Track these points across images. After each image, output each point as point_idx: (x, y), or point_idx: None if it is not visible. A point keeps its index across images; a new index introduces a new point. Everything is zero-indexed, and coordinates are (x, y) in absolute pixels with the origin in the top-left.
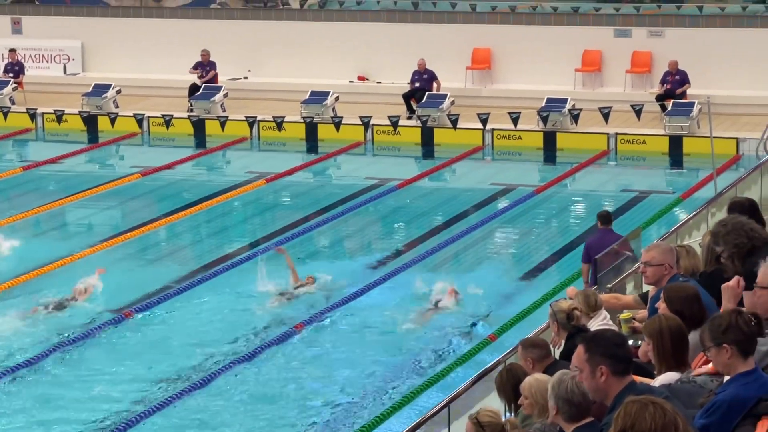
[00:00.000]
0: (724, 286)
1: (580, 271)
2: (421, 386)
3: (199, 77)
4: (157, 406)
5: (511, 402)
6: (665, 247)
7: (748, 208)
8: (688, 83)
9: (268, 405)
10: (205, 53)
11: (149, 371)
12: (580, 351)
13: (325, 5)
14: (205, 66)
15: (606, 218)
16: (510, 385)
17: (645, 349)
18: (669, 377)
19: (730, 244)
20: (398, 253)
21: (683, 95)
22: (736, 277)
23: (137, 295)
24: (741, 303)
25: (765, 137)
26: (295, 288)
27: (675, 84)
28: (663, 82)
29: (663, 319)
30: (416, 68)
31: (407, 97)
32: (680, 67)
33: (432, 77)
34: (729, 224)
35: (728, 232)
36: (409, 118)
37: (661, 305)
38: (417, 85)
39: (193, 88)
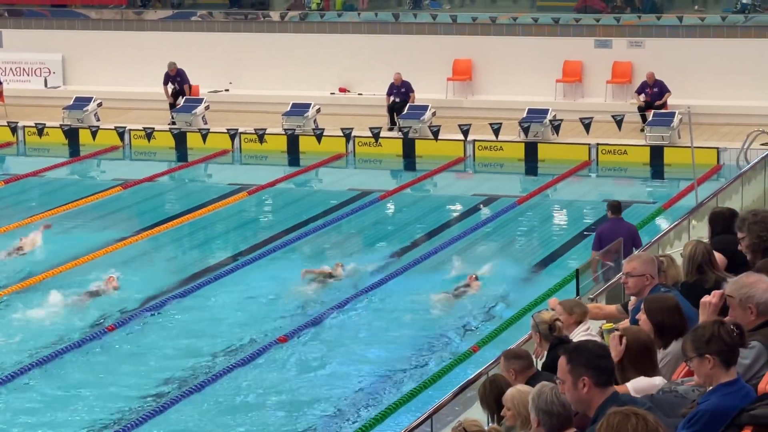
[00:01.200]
0: (702, 300)
1: (563, 281)
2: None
3: (174, 92)
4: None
5: (493, 413)
6: (646, 257)
7: (729, 218)
8: (668, 92)
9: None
10: (173, 66)
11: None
12: (562, 362)
13: (306, 17)
14: (175, 78)
15: (616, 208)
16: (492, 397)
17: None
18: (649, 383)
19: (754, 234)
20: (383, 265)
21: (664, 105)
22: (714, 292)
23: (117, 309)
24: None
25: (745, 147)
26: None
27: (654, 96)
28: (639, 92)
29: (641, 330)
30: (392, 82)
31: (391, 110)
32: (662, 77)
33: (409, 90)
34: (759, 215)
35: (756, 222)
36: (391, 129)
37: (642, 316)
38: (396, 100)
39: (173, 104)
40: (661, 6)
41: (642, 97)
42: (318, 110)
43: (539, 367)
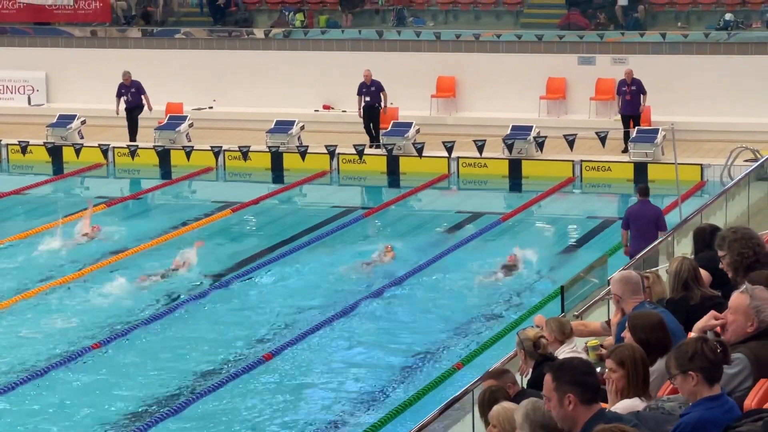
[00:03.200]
0: (700, 326)
1: (547, 298)
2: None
3: (127, 102)
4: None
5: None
6: (618, 277)
7: (711, 234)
8: (645, 92)
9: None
10: (127, 75)
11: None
12: (547, 379)
13: (290, 34)
14: (130, 89)
15: (645, 191)
16: (489, 409)
17: (610, 376)
18: (632, 404)
19: (735, 251)
20: (369, 282)
21: (643, 108)
22: (709, 317)
23: (89, 334)
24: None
25: (729, 163)
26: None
27: (633, 95)
28: (619, 92)
29: (634, 347)
30: (362, 80)
31: (367, 126)
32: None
33: (379, 88)
34: (739, 232)
35: (736, 239)
36: (371, 146)
37: (626, 334)
38: (367, 99)
39: (130, 117)
40: (645, 23)
41: (620, 101)
42: (302, 127)
43: (524, 385)
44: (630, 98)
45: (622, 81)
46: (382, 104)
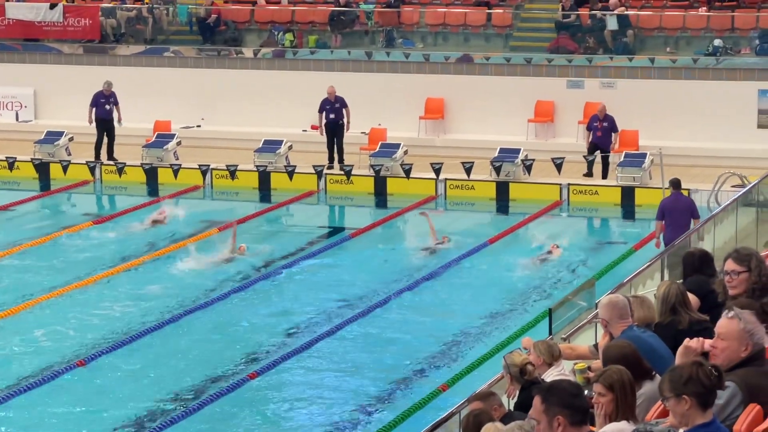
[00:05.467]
0: (687, 345)
1: (534, 320)
2: None
3: (105, 112)
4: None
5: None
6: (605, 301)
7: (699, 259)
8: (617, 130)
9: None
10: (108, 85)
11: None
12: (536, 402)
13: (278, 55)
14: (109, 98)
15: (677, 184)
16: None
17: (599, 400)
18: (619, 427)
19: (758, 272)
20: (352, 302)
21: (614, 147)
22: (702, 341)
23: (79, 345)
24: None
25: (716, 189)
26: (435, 245)
27: (605, 131)
28: (590, 128)
29: (622, 370)
30: (326, 97)
31: (330, 144)
32: (634, 118)
33: (343, 105)
34: (757, 253)
35: (761, 261)
36: (330, 167)
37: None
38: (331, 116)
39: (107, 128)
40: (634, 47)
41: (590, 137)
42: (290, 147)
43: (511, 407)
44: (601, 135)
45: (594, 116)
46: (346, 121)
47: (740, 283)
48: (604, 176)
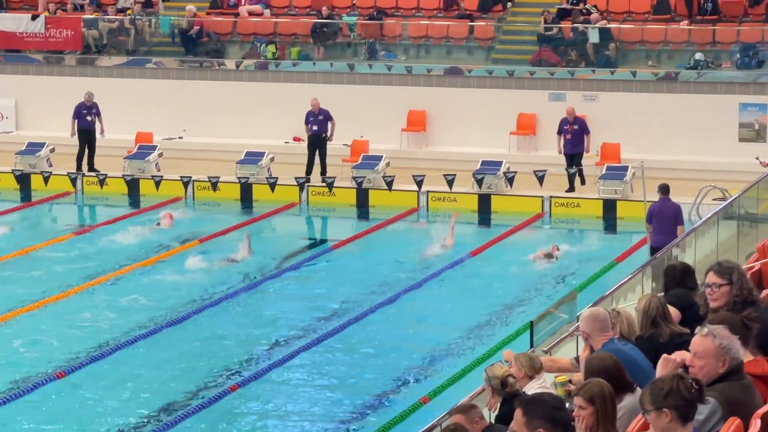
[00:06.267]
0: (666, 357)
1: (515, 332)
2: None
3: (87, 123)
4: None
5: None
6: (586, 314)
7: (681, 271)
8: (588, 132)
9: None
10: (90, 96)
11: None
12: (518, 414)
13: (261, 66)
14: (91, 109)
15: (665, 189)
16: None
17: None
18: None
19: (740, 285)
20: (333, 314)
21: (587, 149)
22: (682, 354)
23: (59, 357)
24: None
25: (698, 202)
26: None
27: (575, 134)
28: (560, 131)
29: (603, 383)
30: (310, 109)
31: (311, 157)
32: (615, 131)
33: (327, 117)
34: (739, 267)
35: (743, 274)
36: (307, 181)
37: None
38: (314, 128)
39: (88, 140)
40: (616, 61)
41: (562, 141)
42: (272, 159)
43: (492, 420)
44: (571, 137)
45: (564, 119)
46: (329, 133)
47: (721, 295)
48: (582, 182)
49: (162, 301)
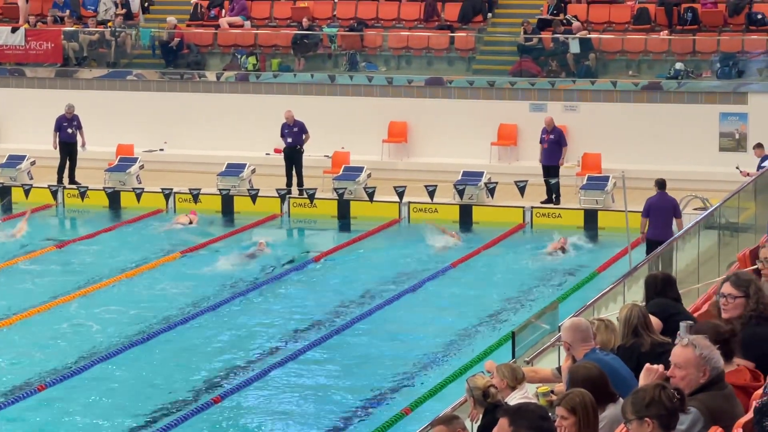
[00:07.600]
0: (648, 366)
1: (497, 343)
2: None
3: (68, 136)
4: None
5: None
6: (567, 324)
7: (662, 281)
8: (565, 144)
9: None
10: (70, 108)
11: None
12: (504, 424)
13: (241, 78)
14: (72, 122)
15: (662, 184)
16: None
17: (561, 423)
18: None
19: (756, 300)
20: (314, 326)
21: (563, 162)
22: (661, 368)
23: (39, 370)
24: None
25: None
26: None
27: (551, 144)
28: (541, 141)
29: (584, 393)
30: (285, 121)
31: (288, 170)
32: (596, 141)
33: (302, 130)
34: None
35: (760, 287)
36: (288, 193)
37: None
38: (289, 140)
39: (70, 152)
40: (596, 71)
41: (541, 144)
42: (253, 171)
43: (474, 431)
44: (547, 147)
45: (543, 129)
46: (304, 143)
47: (735, 307)
48: (556, 202)
49: (142, 313)
